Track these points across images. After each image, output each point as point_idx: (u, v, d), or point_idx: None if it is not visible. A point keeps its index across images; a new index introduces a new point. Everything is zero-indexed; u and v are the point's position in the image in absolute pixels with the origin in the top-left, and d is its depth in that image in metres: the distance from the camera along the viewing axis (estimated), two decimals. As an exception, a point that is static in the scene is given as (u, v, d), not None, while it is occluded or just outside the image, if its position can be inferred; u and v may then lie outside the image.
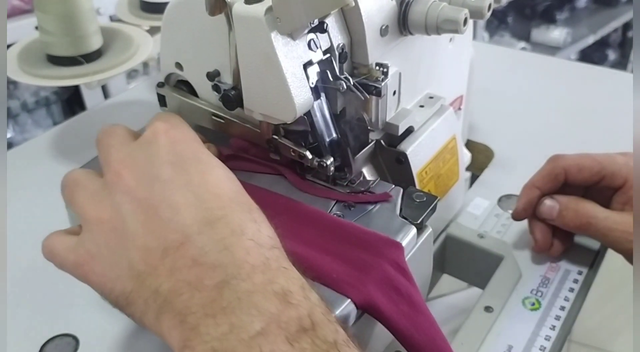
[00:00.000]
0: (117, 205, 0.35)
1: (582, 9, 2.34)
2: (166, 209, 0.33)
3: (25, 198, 0.63)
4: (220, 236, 0.32)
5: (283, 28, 0.37)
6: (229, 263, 0.31)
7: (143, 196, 0.34)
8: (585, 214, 0.48)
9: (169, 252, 0.32)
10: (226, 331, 0.28)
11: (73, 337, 0.47)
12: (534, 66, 0.88)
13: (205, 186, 0.35)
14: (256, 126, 0.44)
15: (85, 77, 0.65)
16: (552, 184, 0.50)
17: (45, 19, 0.64)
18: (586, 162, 0.49)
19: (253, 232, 0.33)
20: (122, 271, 0.33)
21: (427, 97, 0.51)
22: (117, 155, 0.37)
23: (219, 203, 0.34)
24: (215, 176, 0.36)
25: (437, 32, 0.43)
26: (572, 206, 0.49)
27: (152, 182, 0.35)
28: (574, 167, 0.49)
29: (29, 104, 1.35)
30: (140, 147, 0.37)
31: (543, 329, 0.46)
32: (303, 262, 0.34)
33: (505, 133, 0.70)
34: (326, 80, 0.41)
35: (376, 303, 0.35)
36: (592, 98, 0.78)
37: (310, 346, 0.28)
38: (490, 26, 2.16)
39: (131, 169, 0.36)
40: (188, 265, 0.31)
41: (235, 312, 0.29)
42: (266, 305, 0.29)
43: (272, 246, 0.33)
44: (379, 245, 0.38)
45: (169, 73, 0.48)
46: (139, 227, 0.33)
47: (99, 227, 0.35)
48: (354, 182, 0.44)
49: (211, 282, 0.30)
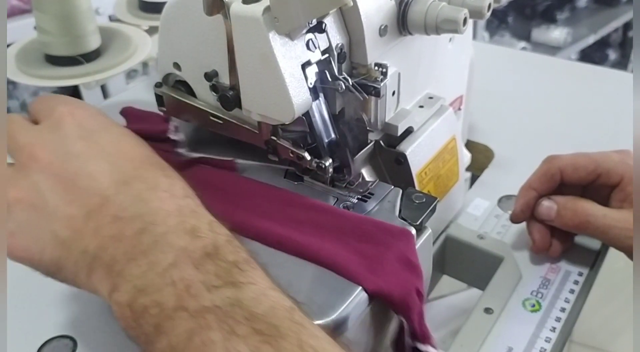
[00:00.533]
0: (34, 183, 0.36)
1: (583, 8, 2.34)
2: (84, 178, 0.36)
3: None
4: (137, 192, 0.35)
5: (281, 28, 0.37)
6: (145, 213, 0.34)
7: (59, 171, 0.36)
8: (583, 213, 0.48)
9: (92, 215, 0.35)
10: (145, 269, 0.32)
11: (71, 338, 0.47)
12: (535, 66, 0.87)
13: (117, 154, 0.38)
14: (254, 127, 0.44)
15: (84, 77, 0.65)
16: (549, 185, 0.50)
17: (43, 18, 0.63)
18: (581, 161, 0.49)
19: (167, 186, 0.36)
20: (47, 242, 0.36)
21: (427, 98, 0.51)
22: (25, 139, 0.38)
23: (132, 165, 0.37)
24: (126, 142, 0.39)
25: (436, 32, 0.43)
26: (570, 205, 0.49)
27: (66, 157, 0.37)
28: (570, 166, 0.50)
29: (28, 104, 1.35)
30: (48, 129, 0.38)
31: (543, 331, 0.46)
32: (313, 252, 0.37)
33: (505, 133, 0.70)
34: (325, 80, 0.41)
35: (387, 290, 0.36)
36: (593, 98, 0.77)
37: (214, 267, 0.32)
38: (491, 26, 2.16)
39: (43, 148, 0.37)
40: (110, 222, 0.34)
41: (153, 252, 0.32)
42: (177, 241, 0.33)
43: (185, 196, 0.36)
44: (386, 237, 0.38)
45: (167, 73, 0.48)
46: (59, 200, 0.35)
47: (18, 206, 0.36)
48: (353, 183, 0.44)
49: (131, 231, 0.33)
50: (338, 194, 0.43)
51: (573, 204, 0.49)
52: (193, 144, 0.50)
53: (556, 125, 0.72)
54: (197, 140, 0.51)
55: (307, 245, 0.38)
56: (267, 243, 0.39)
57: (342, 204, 0.42)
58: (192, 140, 0.51)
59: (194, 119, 0.48)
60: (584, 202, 0.49)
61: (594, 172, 0.49)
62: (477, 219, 0.56)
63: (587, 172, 0.49)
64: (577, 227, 0.49)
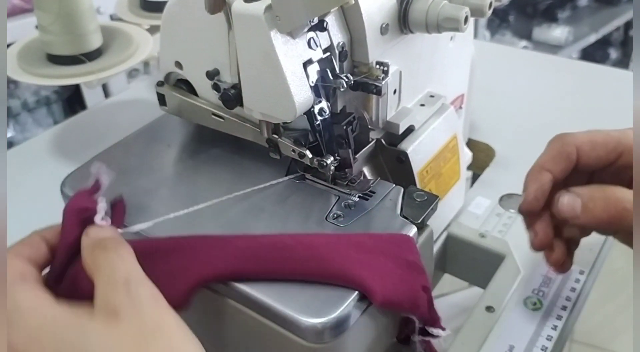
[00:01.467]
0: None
1: (584, 7, 2.34)
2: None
3: (26, 197, 0.63)
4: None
5: (283, 26, 0.37)
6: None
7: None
8: (616, 202, 0.39)
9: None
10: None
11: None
12: (536, 65, 0.87)
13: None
14: (256, 125, 0.44)
15: (86, 76, 0.65)
16: (565, 165, 0.42)
17: (45, 17, 0.63)
18: (599, 138, 0.42)
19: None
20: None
21: (428, 96, 0.51)
22: (25, 336, 0.30)
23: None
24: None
25: (437, 31, 0.43)
26: (598, 195, 0.39)
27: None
28: (587, 144, 0.42)
29: (30, 103, 1.35)
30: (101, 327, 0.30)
31: (545, 329, 0.46)
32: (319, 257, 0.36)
33: (507, 132, 0.70)
34: (326, 79, 0.41)
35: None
36: (594, 96, 0.77)
37: None
38: (492, 25, 2.16)
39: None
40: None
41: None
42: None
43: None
44: (385, 246, 0.38)
45: (168, 72, 0.48)
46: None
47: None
48: (355, 181, 0.44)
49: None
50: (339, 192, 0.43)
51: (602, 193, 0.39)
52: (195, 143, 0.51)
53: (557, 124, 0.71)
54: (198, 139, 0.51)
55: (308, 257, 0.36)
56: (274, 254, 0.37)
57: (343, 203, 0.42)
58: (193, 140, 0.51)
59: (196, 117, 0.48)
60: (614, 189, 0.39)
61: (615, 151, 0.41)
62: (478, 218, 0.56)
63: (607, 151, 0.41)
64: (611, 221, 0.39)
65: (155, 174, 0.47)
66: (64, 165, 0.67)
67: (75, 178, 0.47)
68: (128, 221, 0.40)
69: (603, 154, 0.41)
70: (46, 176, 0.66)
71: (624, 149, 0.41)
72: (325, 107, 0.42)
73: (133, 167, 0.48)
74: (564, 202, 0.41)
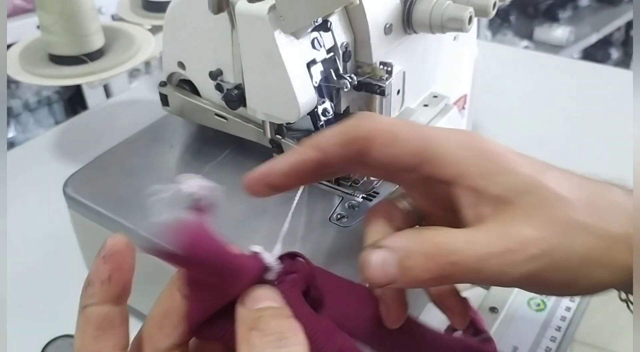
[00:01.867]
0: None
1: (585, 7, 2.34)
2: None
3: (27, 197, 0.63)
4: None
5: (286, 27, 0.37)
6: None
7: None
8: (439, 254, 0.27)
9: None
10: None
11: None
12: (537, 65, 0.87)
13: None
14: (259, 126, 0.44)
15: (87, 76, 0.65)
16: (344, 152, 0.30)
17: (47, 18, 0.63)
18: (404, 132, 0.29)
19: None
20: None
21: (431, 96, 0.51)
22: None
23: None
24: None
25: (441, 31, 0.43)
26: (415, 246, 0.27)
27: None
28: (387, 134, 0.29)
29: (31, 103, 1.35)
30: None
31: (549, 330, 0.46)
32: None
33: (509, 132, 0.69)
34: (330, 79, 0.41)
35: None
36: (595, 96, 0.77)
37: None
38: (493, 25, 2.16)
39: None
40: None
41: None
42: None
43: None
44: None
45: (171, 72, 0.48)
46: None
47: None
48: (358, 182, 0.44)
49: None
50: (343, 193, 0.43)
51: (420, 245, 0.27)
52: (198, 144, 0.50)
53: (559, 124, 0.71)
54: (201, 139, 0.51)
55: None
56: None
57: (347, 203, 0.42)
58: (196, 140, 0.51)
59: (198, 118, 0.47)
60: (434, 235, 0.28)
61: (417, 155, 0.29)
62: (482, 218, 0.56)
63: (409, 151, 0.29)
64: (437, 281, 0.28)
65: (157, 174, 0.47)
66: (66, 166, 0.67)
67: (78, 179, 0.47)
68: (132, 221, 0.40)
69: (400, 153, 0.29)
70: (47, 177, 0.66)
71: (427, 156, 0.29)
72: (328, 107, 0.42)
73: (136, 167, 0.48)
74: (372, 263, 0.27)
